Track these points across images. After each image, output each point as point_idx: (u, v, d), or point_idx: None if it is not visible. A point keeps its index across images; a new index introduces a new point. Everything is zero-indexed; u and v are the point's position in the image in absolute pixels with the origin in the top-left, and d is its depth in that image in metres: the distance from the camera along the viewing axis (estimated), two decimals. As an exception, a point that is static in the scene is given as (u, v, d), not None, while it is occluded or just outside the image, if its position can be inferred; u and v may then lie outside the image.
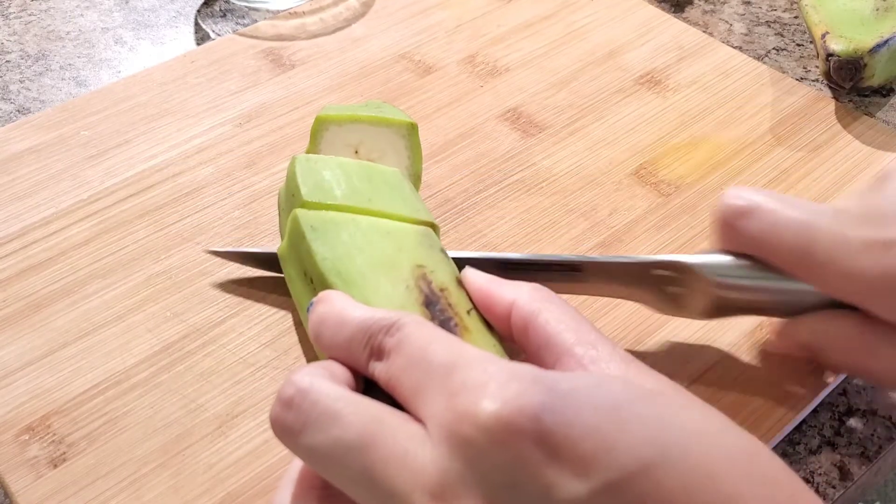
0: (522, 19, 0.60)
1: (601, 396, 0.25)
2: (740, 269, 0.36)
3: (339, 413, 0.26)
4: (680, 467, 0.24)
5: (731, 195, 0.36)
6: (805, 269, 0.35)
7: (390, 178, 0.41)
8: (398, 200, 0.40)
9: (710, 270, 0.36)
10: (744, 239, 0.36)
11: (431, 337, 0.28)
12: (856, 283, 0.34)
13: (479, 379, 0.25)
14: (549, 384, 0.25)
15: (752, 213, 0.36)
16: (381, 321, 0.29)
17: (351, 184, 0.40)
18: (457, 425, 0.25)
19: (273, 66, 0.56)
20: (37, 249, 0.45)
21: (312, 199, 0.39)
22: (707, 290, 0.36)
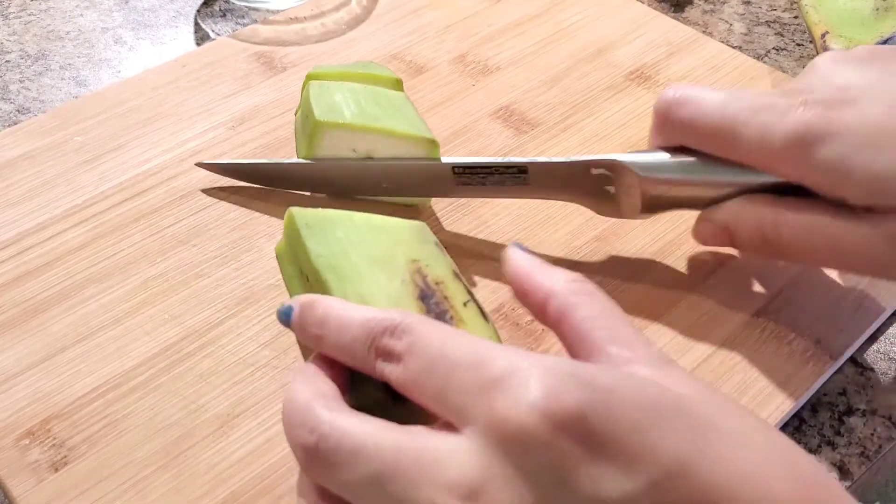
0: (512, 18, 0.61)
1: (641, 395, 0.25)
2: (668, 164, 0.40)
3: (363, 448, 0.26)
4: (722, 466, 0.24)
5: (669, 89, 0.40)
6: (727, 142, 0.38)
7: (396, 100, 0.46)
8: (403, 120, 0.45)
9: (640, 166, 0.40)
10: (676, 128, 0.39)
11: (445, 335, 0.27)
12: (772, 143, 0.36)
13: (514, 375, 0.25)
14: (587, 379, 0.25)
15: (684, 101, 0.39)
16: (384, 321, 0.29)
17: (360, 105, 0.45)
18: (497, 425, 0.24)
19: (265, 68, 0.56)
20: (32, 255, 0.45)
21: (325, 118, 0.44)
22: (638, 185, 0.40)
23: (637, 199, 0.40)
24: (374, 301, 0.34)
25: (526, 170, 0.41)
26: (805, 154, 0.36)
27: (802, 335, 0.42)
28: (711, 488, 0.24)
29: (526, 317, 0.43)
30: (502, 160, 0.42)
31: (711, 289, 0.44)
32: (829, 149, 0.35)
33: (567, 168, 0.41)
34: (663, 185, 0.40)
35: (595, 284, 0.31)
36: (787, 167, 0.37)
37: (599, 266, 0.45)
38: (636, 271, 0.45)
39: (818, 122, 0.35)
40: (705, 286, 0.44)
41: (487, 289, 0.44)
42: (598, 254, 0.45)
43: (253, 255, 0.45)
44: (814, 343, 0.42)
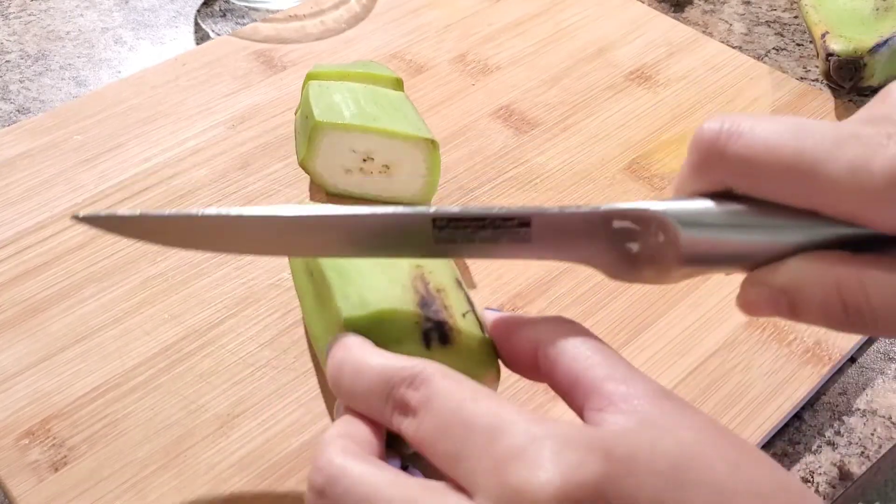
0: (512, 18, 0.61)
1: (659, 460, 0.24)
2: (715, 214, 0.31)
3: (372, 497, 0.25)
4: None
5: (712, 121, 0.31)
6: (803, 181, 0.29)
7: (396, 100, 0.46)
8: (402, 120, 0.45)
9: (681, 218, 0.31)
10: (729, 162, 0.31)
11: (462, 394, 0.26)
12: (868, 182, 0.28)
13: (529, 448, 0.24)
14: (605, 450, 0.24)
15: (738, 131, 0.31)
16: (402, 371, 0.28)
17: (359, 105, 0.45)
18: (511, 499, 0.23)
19: (265, 67, 0.56)
20: (32, 254, 0.45)
21: (324, 119, 0.44)
22: (674, 243, 0.31)
23: (670, 259, 0.31)
24: (373, 303, 0.33)
25: (529, 223, 0.32)
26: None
27: (802, 336, 0.42)
28: None
29: (526, 317, 0.42)
30: (499, 210, 0.31)
31: (711, 290, 0.44)
32: None
33: (581, 220, 0.32)
34: (708, 241, 0.31)
35: (579, 323, 0.30)
36: (887, 213, 0.29)
37: (599, 266, 0.45)
38: (636, 272, 0.45)
39: None
40: (705, 287, 0.44)
41: (487, 290, 0.44)
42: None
43: (253, 254, 0.45)
44: (813, 344, 0.42)
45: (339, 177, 0.46)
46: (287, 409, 0.39)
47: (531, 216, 0.31)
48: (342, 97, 0.45)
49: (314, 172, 0.46)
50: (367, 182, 0.46)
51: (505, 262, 0.45)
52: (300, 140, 0.47)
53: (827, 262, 0.30)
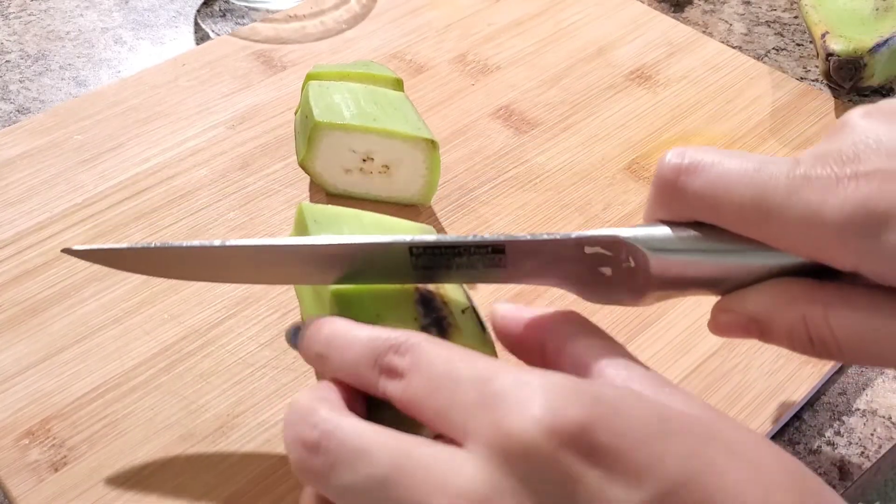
0: (512, 17, 0.61)
1: (645, 408, 0.25)
2: (681, 241, 0.32)
3: (368, 449, 0.26)
4: (728, 477, 0.24)
5: (672, 154, 0.32)
6: (759, 222, 0.31)
7: (395, 100, 0.46)
8: (402, 121, 0.45)
9: (649, 244, 0.31)
10: (688, 199, 0.32)
11: (450, 353, 0.27)
12: (821, 228, 0.29)
13: (518, 391, 0.25)
14: (593, 393, 0.25)
15: (696, 168, 0.31)
16: (389, 340, 0.28)
17: (359, 105, 0.45)
18: (503, 440, 0.24)
19: (264, 67, 0.56)
20: (32, 254, 0.45)
21: (324, 119, 0.44)
22: (645, 265, 0.32)
23: (641, 284, 0.32)
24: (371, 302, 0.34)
25: (503, 249, 0.33)
26: (865, 240, 0.29)
27: (802, 336, 0.42)
28: (724, 497, 0.24)
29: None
30: (473, 238, 0.33)
31: (711, 289, 0.44)
32: None
33: (554, 247, 0.33)
34: (677, 267, 0.32)
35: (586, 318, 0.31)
36: (841, 255, 0.30)
37: (599, 266, 0.45)
38: (636, 272, 0.45)
39: (879, 202, 0.28)
40: (705, 287, 0.44)
41: (488, 290, 0.44)
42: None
43: (253, 254, 0.45)
44: (813, 344, 0.42)
45: (339, 177, 0.46)
46: (287, 409, 0.39)
47: (504, 244, 0.33)
48: (342, 97, 0.45)
49: (314, 172, 0.46)
50: (367, 182, 0.46)
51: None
52: (300, 140, 0.47)
53: (793, 295, 0.31)
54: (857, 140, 0.30)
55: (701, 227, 0.32)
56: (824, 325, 0.30)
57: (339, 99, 0.45)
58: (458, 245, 0.33)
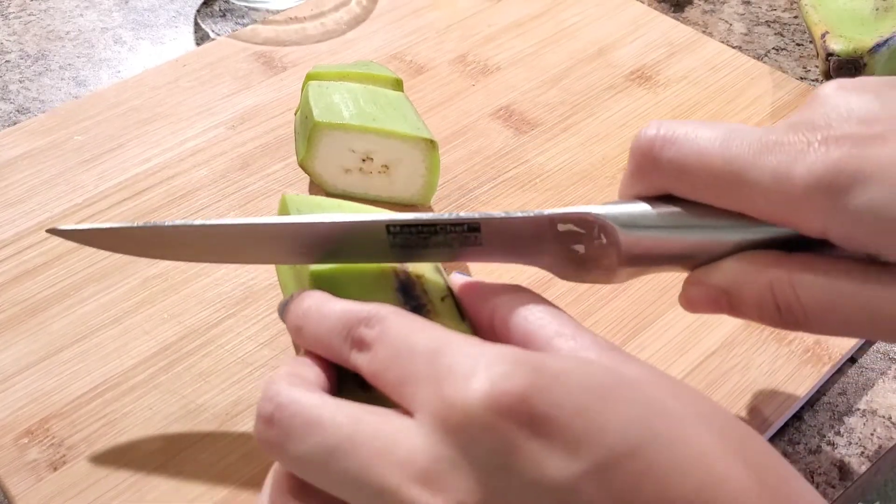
0: (512, 18, 0.61)
1: (588, 378, 0.25)
2: (653, 217, 0.32)
3: (318, 420, 0.26)
4: (673, 447, 0.24)
5: (649, 127, 0.33)
6: (731, 187, 0.31)
7: (395, 100, 0.46)
8: (402, 121, 0.45)
9: (620, 221, 0.32)
10: (663, 169, 0.32)
11: (412, 326, 0.28)
12: (790, 189, 0.30)
13: (464, 363, 0.25)
14: (535, 364, 0.25)
15: (670, 138, 0.32)
16: (360, 312, 0.29)
17: (358, 105, 0.45)
18: (445, 411, 0.25)
19: (265, 68, 0.56)
20: (32, 254, 0.45)
21: (323, 119, 0.44)
22: (617, 244, 0.32)
23: (614, 260, 0.32)
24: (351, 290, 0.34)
25: (478, 227, 0.33)
26: (834, 202, 0.29)
27: (801, 336, 0.42)
28: (661, 469, 0.23)
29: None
30: (449, 216, 0.33)
31: (711, 289, 0.44)
32: (865, 195, 0.29)
33: (528, 224, 0.33)
34: (647, 242, 0.32)
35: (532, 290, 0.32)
36: (808, 217, 0.30)
37: (599, 266, 0.45)
38: (636, 271, 0.45)
39: (848, 163, 0.29)
40: (705, 286, 0.44)
41: (487, 289, 0.44)
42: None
43: (252, 254, 0.45)
44: (813, 343, 0.42)
45: (339, 177, 0.46)
46: (286, 409, 0.39)
47: (479, 221, 0.33)
48: (341, 97, 0.45)
49: (314, 172, 0.46)
50: (366, 182, 0.46)
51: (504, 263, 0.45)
52: (300, 140, 0.47)
53: (761, 264, 0.32)
54: (828, 110, 0.31)
55: (671, 203, 0.33)
56: (790, 292, 0.31)
57: (339, 99, 0.45)
58: (435, 223, 0.33)
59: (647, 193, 0.33)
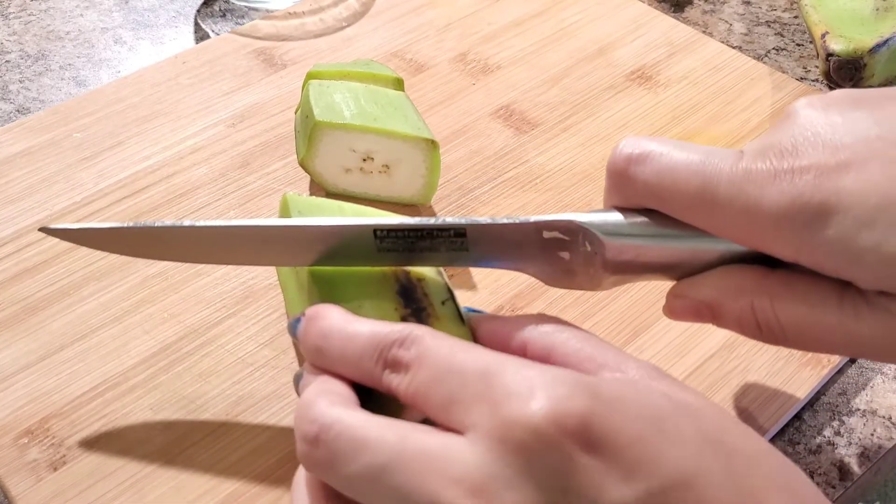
0: (513, 17, 0.61)
1: (644, 405, 0.25)
2: (634, 226, 0.33)
3: (365, 438, 0.26)
4: (722, 482, 0.24)
5: (623, 144, 0.33)
6: (704, 212, 0.32)
7: (396, 100, 0.46)
8: (402, 120, 0.45)
9: (604, 229, 0.33)
10: (638, 188, 0.33)
11: (452, 347, 0.28)
12: (760, 220, 0.30)
13: (521, 383, 0.25)
14: (594, 389, 0.25)
15: (645, 157, 0.32)
16: (392, 334, 0.29)
17: (359, 105, 0.45)
18: (504, 430, 0.25)
19: (265, 65, 0.56)
20: (31, 252, 0.45)
21: (324, 118, 0.44)
22: (601, 251, 0.33)
23: (598, 268, 0.33)
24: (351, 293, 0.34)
25: (464, 233, 0.34)
26: (801, 235, 0.30)
27: (801, 338, 0.42)
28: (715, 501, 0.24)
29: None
30: (435, 221, 0.34)
31: (711, 291, 0.44)
32: (831, 229, 0.29)
33: (514, 230, 0.34)
34: (631, 251, 0.33)
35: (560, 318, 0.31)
36: (779, 247, 0.31)
37: (599, 267, 0.45)
38: (636, 272, 0.45)
39: (813, 196, 0.29)
40: (705, 288, 0.44)
41: (487, 290, 0.44)
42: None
43: (252, 253, 0.45)
44: (813, 346, 0.42)
45: (339, 176, 0.46)
46: (286, 409, 0.39)
47: (465, 227, 0.34)
48: (342, 97, 0.45)
49: (314, 172, 0.46)
50: (367, 182, 0.46)
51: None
52: (300, 139, 0.47)
53: (742, 283, 0.32)
54: (796, 132, 0.31)
55: (654, 213, 0.33)
56: (771, 314, 0.32)
57: (340, 98, 0.45)
58: (421, 228, 0.34)
59: (626, 206, 0.34)
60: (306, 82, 0.47)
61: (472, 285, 0.44)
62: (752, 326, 0.32)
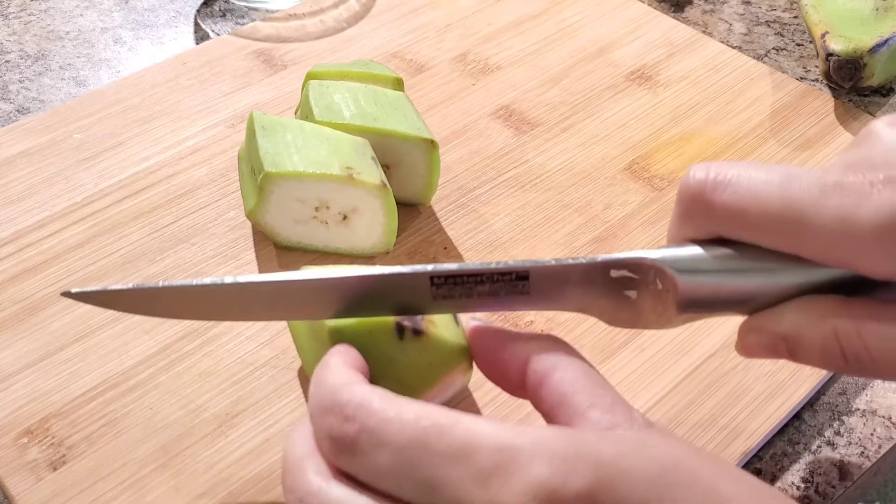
0: (512, 17, 0.61)
1: (647, 464, 0.25)
2: (708, 260, 0.31)
3: None
4: None
5: (697, 169, 0.32)
6: (792, 232, 0.30)
7: (396, 100, 0.46)
8: (401, 120, 0.45)
9: (677, 266, 0.31)
10: (716, 214, 0.31)
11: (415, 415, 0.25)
12: (856, 232, 0.29)
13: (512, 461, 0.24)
14: (592, 456, 0.24)
15: (724, 181, 0.31)
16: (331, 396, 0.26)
17: (359, 105, 0.45)
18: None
19: (265, 66, 0.56)
20: (31, 252, 0.45)
21: (324, 118, 0.44)
22: (673, 289, 0.31)
23: (671, 305, 0.31)
24: None
25: (527, 276, 0.32)
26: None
27: (802, 337, 0.42)
28: None
29: (525, 317, 0.42)
30: (497, 266, 0.32)
31: (711, 290, 0.44)
32: None
33: (580, 271, 0.32)
34: (706, 288, 0.31)
35: (569, 344, 0.30)
36: (876, 260, 0.29)
37: (599, 267, 0.45)
38: (636, 272, 0.45)
39: None
40: (705, 287, 0.44)
41: (487, 289, 0.44)
42: (597, 254, 0.45)
43: (252, 254, 0.45)
44: (813, 345, 0.42)
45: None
46: (286, 409, 0.39)
47: (528, 270, 0.32)
48: (342, 97, 0.45)
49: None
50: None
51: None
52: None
53: (824, 311, 0.31)
54: (886, 148, 0.30)
55: (727, 245, 0.32)
56: (857, 339, 0.30)
57: (340, 98, 0.45)
58: (481, 273, 0.32)
59: (698, 237, 0.32)
60: (306, 83, 0.47)
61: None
62: (836, 356, 0.31)
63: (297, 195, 0.42)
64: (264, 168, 0.41)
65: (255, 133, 0.43)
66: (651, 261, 0.31)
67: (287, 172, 0.41)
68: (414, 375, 0.33)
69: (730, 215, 0.31)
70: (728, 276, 0.31)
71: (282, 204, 0.42)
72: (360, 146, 0.43)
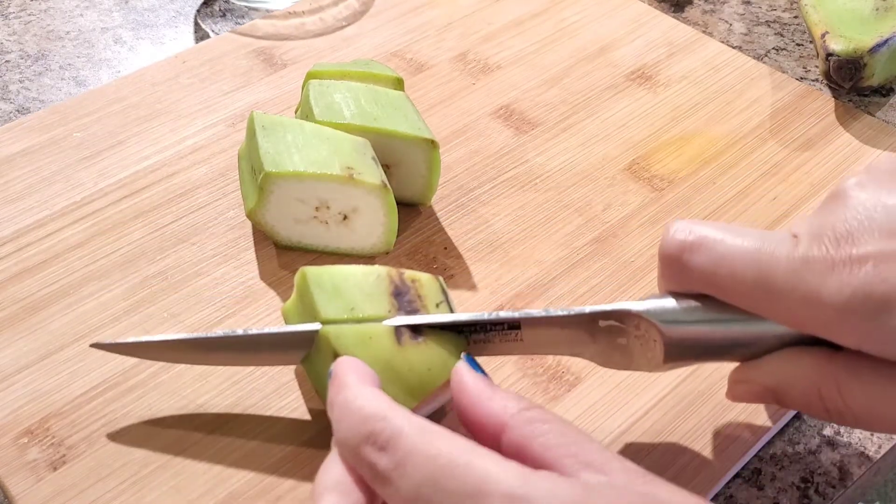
0: (513, 17, 0.61)
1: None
2: (691, 312, 0.33)
3: None
4: None
5: (674, 229, 0.33)
6: (762, 301, 0.31)
7: (396, 100, 0.46)
8: (402, 120, 0.45)
9: (661, 318, 0.33)
10: (693, 275, 0.33)
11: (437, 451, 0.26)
12: (821, 310, 0.30)
13: None
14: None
15: (699, 245, 0.32)
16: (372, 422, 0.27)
17: (359, 105, 0.45)
18: None
19: (265, 65, 0.56)
20: (31, 252, 0.45)
21: (324, 118, 0.44)
22: (658, 338, 0.33)
23: (658, 352, 0.33)
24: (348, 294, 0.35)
25: (518, 326, 0.34)
26: (864, 325, 0.29)
27: (801, 338, 0.42)
28: None
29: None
30: (489, 317, 0.34)
31: (711, 291, 0.44)
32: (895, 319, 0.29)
33: (568, 322, 0.34)
34: (690, 337, 0.33)
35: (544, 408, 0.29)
36: (842, 336, 0.30)
37: (598, 267, 0.45)
38: (635, 273, 0.45)
39: (875, 288, 0.29)
40: (704, 288, 0.44)
41: (487, 290, 0.44)
42: (597, 255, 0.45)
43: (252, 253, 0.45)
44: (812, 346, 0.42)
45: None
46: (286, 409, 0.39)
47: (520, 320, 0.34)
48: (342, 96, 0.45)
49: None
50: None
51: (505, 263, 0.45)
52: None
53: (807, 367, 0.32)
54: (849, 216, 0.31)
55: (711, 297, 0.33)
56: (839, 400, 0.31)
57: (340, 98, 0.45)
58: (475, 322, 0.34)
59: (682, 291, 0.33)
60: (306, 82, 0.47)
61: (472, 286, 0.44)
62: (820, 410, 0.32)
63: (298, 195, 0.42)
64: (265, 168, 0.41)
65: (256, 132, 0.43)
66: (636, 312, 0.33)
67: (287, 172, 0.41)
68: (414, 380, 0.33)
69: (705, 279, 0.32)
70: (709, 327, 0.33)
71: (282, 204, 0.42)
72: (360, 146, 0.43)
